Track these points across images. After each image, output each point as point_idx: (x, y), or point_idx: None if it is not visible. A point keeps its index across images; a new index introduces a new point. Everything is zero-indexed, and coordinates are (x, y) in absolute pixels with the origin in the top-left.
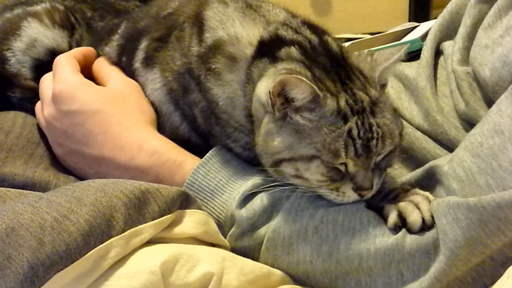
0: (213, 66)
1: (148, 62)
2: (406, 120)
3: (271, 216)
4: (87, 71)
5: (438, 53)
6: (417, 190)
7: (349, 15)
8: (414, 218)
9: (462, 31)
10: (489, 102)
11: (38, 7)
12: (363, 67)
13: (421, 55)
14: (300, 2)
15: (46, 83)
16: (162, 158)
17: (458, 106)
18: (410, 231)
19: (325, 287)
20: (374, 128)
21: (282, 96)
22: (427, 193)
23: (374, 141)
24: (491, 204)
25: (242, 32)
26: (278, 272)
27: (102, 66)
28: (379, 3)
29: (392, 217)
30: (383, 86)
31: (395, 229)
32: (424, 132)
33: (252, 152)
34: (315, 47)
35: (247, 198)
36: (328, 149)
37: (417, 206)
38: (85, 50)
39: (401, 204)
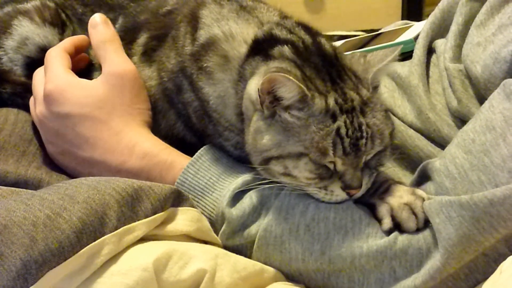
0: (205, 65)
1: (146, 59)
2: (399, 118)
3: (261, 214)
4: (78, 62)
5: (430, 51)
6: (415, 190)
7: (342, 13)
8: (409, 226)
9: (454, 29)
10: (481, 99)
11: (28, 5)
12: (356, 68)
13: (413, 54)
14: (293, 0)
15: (38, 78)
16: (153, 160)
17: (450, 104)
18: (403, 232)
19: (318, 284)
20: (363, 127)
21: (271, 94)
22: (424, 195)
23: (363, 140)
24: (483, 201)
25: (237, 30)
26: (271, 269)
27: (99, 42)
28: (372, 1)
29: (387, 223)
30: (376, 87)
31: (389, 231)
32: (416, 130)
33: (243, 151)
34: (308, 47)
35: (237, 196)
36: (317, 147)
37: (413, 212)
38: (76, 40)
39: (395, 207)
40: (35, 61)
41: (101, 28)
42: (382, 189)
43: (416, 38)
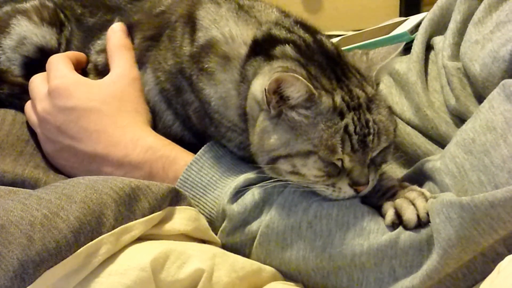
0: (206, 66)
1: (140, 60)
2: (397, 115)
3: (263, 211)
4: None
5: (429, 48)
6: (414, 187)
7: (340, 12)
8: (409, 215)
9: (452, 26)
10: (479, 97)
11: (27, 5)
12: (359, 65)
13: (412, 50)
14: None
15: (38, 81)
16: (156, 154)
17: (448, 101)
18: (406, 227)
19: (317, 283)
20: (370, 123)
21: (277, 94)
22: (423, 190)
23: (371, 137)
24: (484, 203)
25: (236, 31)
26: (269, 268)
27: (115, 46)
28: (370, 0)
29: (390, 215)
30: (377, 84)
31: (393, 226)
32: (414, 127)
33: (246, 151)
34: (310, 45)
35: (239, 193)
36: (325, 145)
37: (412, 203)
38: (78, 54)
39: (397, 201)
40: (33, 61)
41: (121, 35)
42: (389, 194)
43: (411, 30)
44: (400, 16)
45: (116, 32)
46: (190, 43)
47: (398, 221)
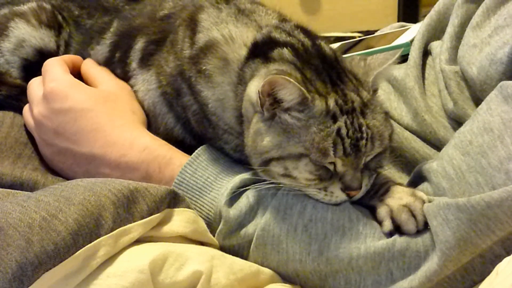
0: (204, 68)
1: (144, 63)
2: (395, 120)
3: (257, 213)
4: (75, 76)
5: (426, 53)
6: (415, 192)
7: (338, 14)
8: (409, 228)
9: (450, 30)
10: (477, 101)
11: (25, 7)
12: (356, 71)
13: (409, 56)
14: (289, 1)
15: (35, 85)
16: (152, 154)
17: (446, 106)
18: (403, 234)
19: (315, 285)
20: (363, 128)
21: (271, 96)
22: (424, 196)
23: (364, 141)
24: (480, 204)
25: (236, 33)
26: (267, 270)
27: (91, 68)
28: (368, 2)
29: (387, 225)
30: (375, 91)
31: (390, 233)
32: (413, 132)
33: (242, 154)
34: (308, 49)
35: (235, 196)
36: (317, 148)
37: (412, 214)
38: (73, 57)
39: (395, 209)
40: (32, 63)
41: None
42: (382, 191)
43: (412, 41)
44: (398, 17)
45: (88, 61)
46: (190, 46)
47: (395, 229)
